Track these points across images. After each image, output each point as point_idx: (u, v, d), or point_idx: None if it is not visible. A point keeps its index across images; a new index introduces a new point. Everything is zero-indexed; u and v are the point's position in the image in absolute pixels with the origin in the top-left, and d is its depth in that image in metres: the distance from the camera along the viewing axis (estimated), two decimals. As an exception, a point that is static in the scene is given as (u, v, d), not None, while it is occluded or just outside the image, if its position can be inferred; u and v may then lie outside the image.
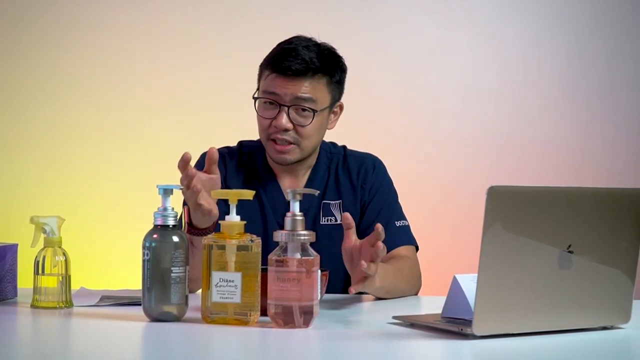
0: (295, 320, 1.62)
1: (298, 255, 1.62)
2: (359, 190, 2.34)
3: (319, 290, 1.69)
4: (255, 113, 2.27)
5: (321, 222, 2.29)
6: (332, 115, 2.31)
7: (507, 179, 3.53)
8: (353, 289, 1.81)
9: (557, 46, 3.72)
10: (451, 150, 3.71)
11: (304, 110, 2.21)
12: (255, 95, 2.27)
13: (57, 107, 3.70)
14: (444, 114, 3.72)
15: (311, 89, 2.21)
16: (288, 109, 2.20)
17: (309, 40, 2.26)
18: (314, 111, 2.21)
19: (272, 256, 1.63)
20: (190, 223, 1.99)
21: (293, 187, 2.31)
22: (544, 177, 3.65)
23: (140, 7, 3.71)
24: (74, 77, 3.70)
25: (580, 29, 3.73)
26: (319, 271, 1.67)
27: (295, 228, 1.64)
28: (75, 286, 1.99)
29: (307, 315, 1.62)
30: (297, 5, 3.69)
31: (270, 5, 3.70)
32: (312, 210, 2.30)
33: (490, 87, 3.72)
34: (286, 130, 2.21)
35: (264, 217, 2.29)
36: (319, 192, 1.91)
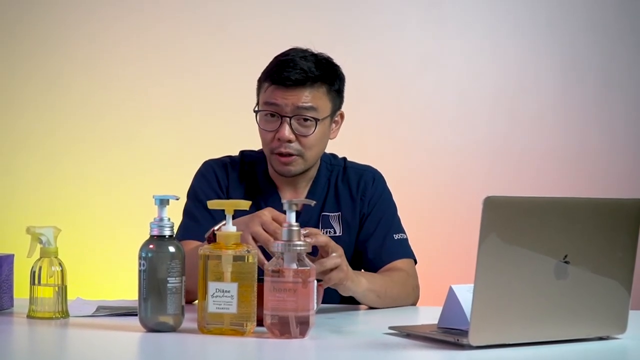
0: (292, 331, 1.62)
1: (294, 266, 1.62)
2: (358, 202, 2.34)
3: (315, 301, 1.69)
4: (256, 126, 2.27)
5: None
6: (334, 125, 2.31)
7: (502, 188, 3.54)
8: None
9: (552, 53, 3.73)
10: (446, 159, 3.71)
11: (305, 120, 2.21)
12: (256, 109, 2.26)
13: (53, 115, 3.70)
14: (439, 122, 3.73)
15: (312, 97, 2.21)
16: (290, 120, 2.20)
17: (306, 51, 2.26)
18: (316, 120, 2.21)
19: (269, 266, 1.63)
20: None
21: (293, 199, 2.31)
22: (540, 185, 3.65)
23: (139, 14, 3.71)
24: (70, 86, 3.70)
25: (575, 36, 3.73)
26: (315, 282, 1.67)
27: (291, 238, 1.64)
28: (71, 296, 1.99)
29: (304, 326, 1.62)
30: (293, 14, 3.69)
31: (266, 13, 3.71)
32: (312, 223, 2.29)
33: (486, 95, 3.73)
34: (289, 141, 2.21)
35: None
36: (315, 202, 1.90)
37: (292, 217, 1.67)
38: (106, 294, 2.56)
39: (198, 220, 2.25)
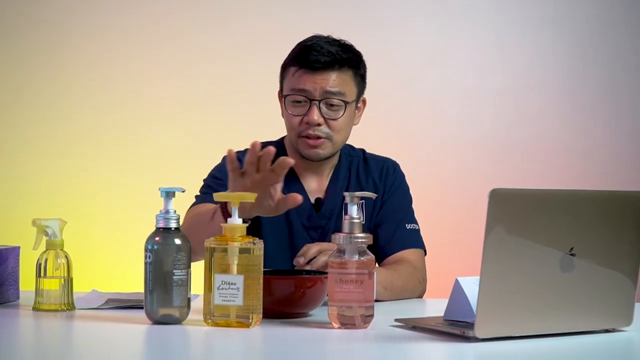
0: (356, 322, 1.64)
1: (356, 257, 1.64)
2: (381, 190, 2.34)
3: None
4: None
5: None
6: (357, 111, 2.32)
7: (508, 182, 3.53)
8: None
9: (558, 49, 3.72)
10: (452, 153, 3.71)
11: (333, 104, 2.22)
12: (283, 94, 2.27)
13: (58, 109, 3.70)
14: (445, 117, 3.72)
15: (339, 81, 2.22)
16: (319, 104, 2.21)
17: (328, 37, 2.27)
18: (345, 103, 2.22)
19: (334, 259, 1.65)
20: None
21: (316, 187, 2.33)
22: (546, 180, 3.64)
23: (141, 9, 3.71)
24: (75, 80, 3.70)
25: (581, 31, 3.72)
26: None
27: (352, 231, 1.66)
28: (83, 289, 1.99)
29: (368, 317, 1.66)
30: (297, 9, 3.69)
31: (270, 8, 3.70)
32: (336, 210, 2.30)
33: (491, 90, 3.72)
34: (318, 125, 2.21)
35: (288, 220, 2.28)
36: (376, 195, 1.92)
37: (353, 210, 1.68)
38: (112, 286, 2.56)
39: (215, 189, 2.22)
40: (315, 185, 2.33)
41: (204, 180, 2.32)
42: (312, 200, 2.32)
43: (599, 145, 3.70)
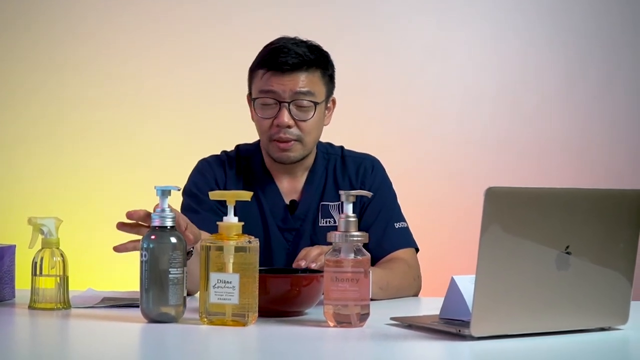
0: (352, 320, 1.64)
1: (352, 256, 1.64)
2: (358, 189, 2.33)
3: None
4: (251, 116, 2.28)
5: (320, 224, 2.29)
6: (327, 111, 2.31)
7: (505, 180, 3.53)
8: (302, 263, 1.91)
9: (556, 46, 3.72)
10: (449, 151, 3.71)
11: (303, 105, 2.21)
12: (252, 97, 2.27)
13: (55, 108, 3.69)
14: (442, 114, 3.72)
15: (308, 82, 2.21)
16: (288, 105, 2.20)
17: (295, 38, 2.27)
18: (315, 104, 2.22)
19: (330, 257, 1.65)
20: None
21: (291, 189, 2.32)
22: (542, 178, 3.65)
23: (140, 7, 3.70)
24: (72, 78, 3.69)
25: (579, 29, 3.72)
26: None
27: (348, 229, 1.65)
28: (79, 287, 1.98)
29: (364, 315, 1.66)
30: (296, 5, 3.68)
31: (269, 4, 3.70)
32: (312, 212, 2.30)
33: (489, 87, 3.72)
34: (288, 127, 2.21)
35: (263, 220, 2.29)
36: (372, 194, 1.92)
37: (349, 208, 1.68)
38: (108, 285, 2.56)
39: (198, 212, 2.24)
40: (290, 187, 2.33)
41: (183, 194, 2.32)
42: (287, 201, 2.31)
43: (596, 143, 3.71)
